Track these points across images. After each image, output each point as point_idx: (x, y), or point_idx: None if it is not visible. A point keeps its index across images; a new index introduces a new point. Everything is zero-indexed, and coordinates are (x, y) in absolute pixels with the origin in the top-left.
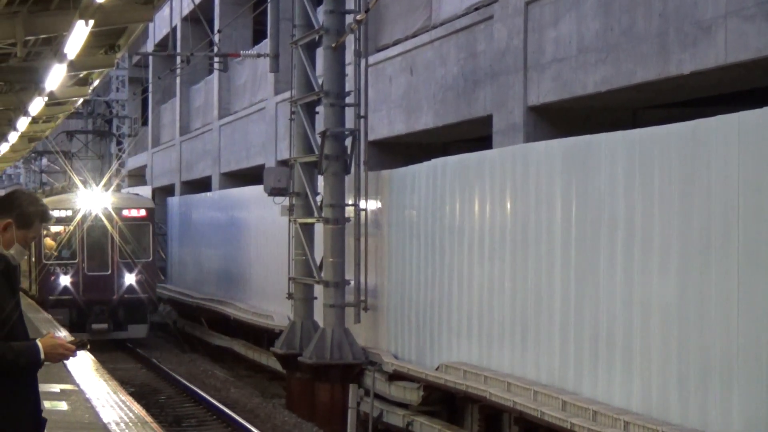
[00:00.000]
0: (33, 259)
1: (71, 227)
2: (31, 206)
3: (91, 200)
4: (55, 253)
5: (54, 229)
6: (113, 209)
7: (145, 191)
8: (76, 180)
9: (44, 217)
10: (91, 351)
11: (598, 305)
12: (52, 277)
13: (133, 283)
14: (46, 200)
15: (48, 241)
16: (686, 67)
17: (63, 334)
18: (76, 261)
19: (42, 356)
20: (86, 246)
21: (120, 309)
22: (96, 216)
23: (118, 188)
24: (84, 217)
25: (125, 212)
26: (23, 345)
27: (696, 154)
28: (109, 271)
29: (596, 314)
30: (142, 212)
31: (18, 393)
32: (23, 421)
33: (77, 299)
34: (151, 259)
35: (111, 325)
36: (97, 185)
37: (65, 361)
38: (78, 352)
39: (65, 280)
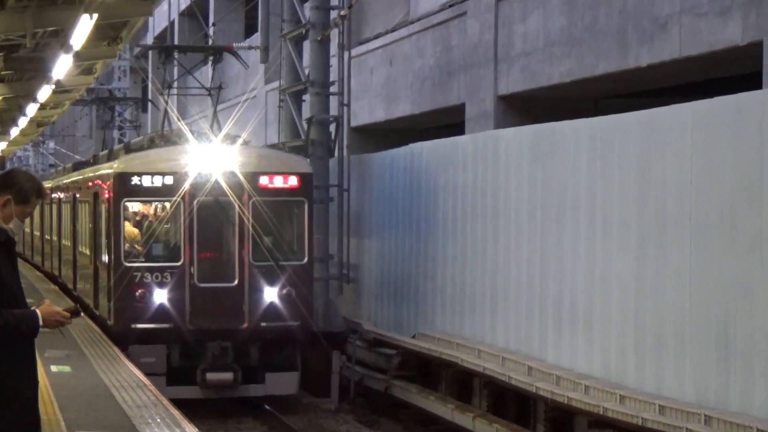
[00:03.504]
0: (104, 258)
1: (171, 205)
2: (27, 183)
3: (207, 159)
4: (141, 248)
5: (135, 207)
6: (244, 174)
7: None
8: (181, 124)
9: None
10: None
11: (562, 279)
12: (139, 291)
13: (277, 301)
14: (125, 157)
15: (130, 229)
16: (644, 60)
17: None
18: (180, 263)
19: (41, 322)
20: (197, 238)
21: (253, 347)
22: (215, 185)
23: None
24: (194, 188)
25: (263, 180)
26: (24, 312)
27: (652, 140)
28: (236, 282)
29: (560, 287)
30: (293, 180)
31: (20, 356)
32: (25, 380)
33: (181, 330)
34: (305, 260)
35: (239, 375)
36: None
37: (61, 328)
38: (73, 319)
39: (160, 297)
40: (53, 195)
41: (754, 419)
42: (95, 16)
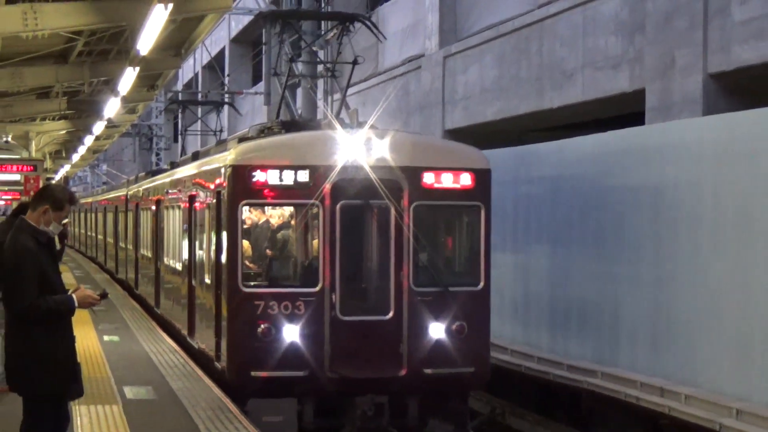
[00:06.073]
0: (209, 280)
1: (306, 209)
2: (60, 194)
3: (353, 149)
4: (255, 267)
5: (245, 214)
6: (403, 170)
7: None
8: (324, 105)
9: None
10: None
11: (501, 275)
12: (262, 327)
13: (445, 339)
14: (243, 147)
15: (246, 245)
16: (556, 102)
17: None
18: (317, 289)
19: (75, 304)
20: (340, 255)
21: (412, 400)
22: (364, 184)
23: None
24: (337, 187)
25: (428, 178)
26: (62, 297)
27: (562, 164)
28: (391, 314)
29: (500, 282)
30: (466, 179)
31: (61, 330)
32: (65, 350)
33: (319, 379)
34: (481, 285)
35: None
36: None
37: (92, 308)
38: (102, 301)
39: (291, 334)
40: (129, 203)
41: (638, 375)
42: (137, 68)
